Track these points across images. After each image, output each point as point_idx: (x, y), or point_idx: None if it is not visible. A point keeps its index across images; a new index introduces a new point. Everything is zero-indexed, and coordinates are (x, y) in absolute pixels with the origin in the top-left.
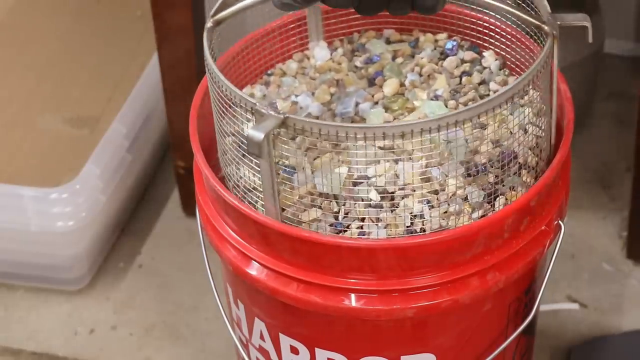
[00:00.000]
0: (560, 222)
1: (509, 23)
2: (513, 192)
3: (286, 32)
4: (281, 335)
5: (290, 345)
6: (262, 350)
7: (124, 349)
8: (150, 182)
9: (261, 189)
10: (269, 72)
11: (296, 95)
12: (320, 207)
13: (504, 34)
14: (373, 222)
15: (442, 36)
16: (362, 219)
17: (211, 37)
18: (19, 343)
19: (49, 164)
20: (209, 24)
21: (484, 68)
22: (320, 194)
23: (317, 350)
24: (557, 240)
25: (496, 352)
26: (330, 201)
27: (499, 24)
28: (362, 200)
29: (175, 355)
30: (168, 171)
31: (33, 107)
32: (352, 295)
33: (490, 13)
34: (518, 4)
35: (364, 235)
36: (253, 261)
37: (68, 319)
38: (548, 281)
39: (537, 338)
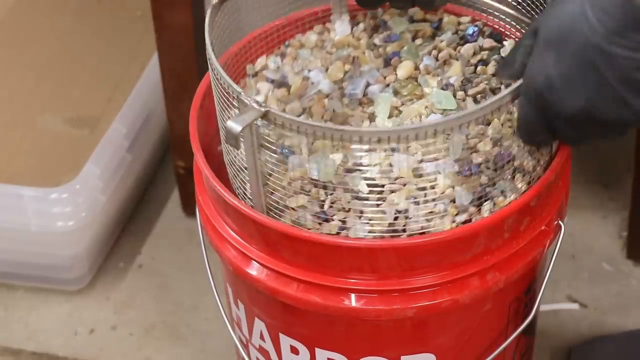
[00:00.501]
0: (560, 222)
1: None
2: (501, 198)
3: (314, 19)
4: (281, 335)
5: (290, 345)
6: (262, 350)
7: (124, 349)
8: (150, 182)
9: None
10: (286, 42)
11: (309, 70)
12: (308, 193)
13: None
14: (356, 214)
15: (466, 19)
16: (347, 211)
17: (215, 14)
18: (19, 343)
19: (49, 164)
20: (214, 0)
21: (502, 58)
22: (311, 180)
23: (317, 350)
24: (557, 240)
25: (496, 352)
26: (319, 189)
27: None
28: (351, 191)
29: (175, 355)
30: (168, 171)
31: (33, 107)
32: (352, 295)
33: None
34: (522, 6)
35: (344, 228)
36: (253, 261)
37: (68, 319)
38: (548, 281)
39: (537, 338)
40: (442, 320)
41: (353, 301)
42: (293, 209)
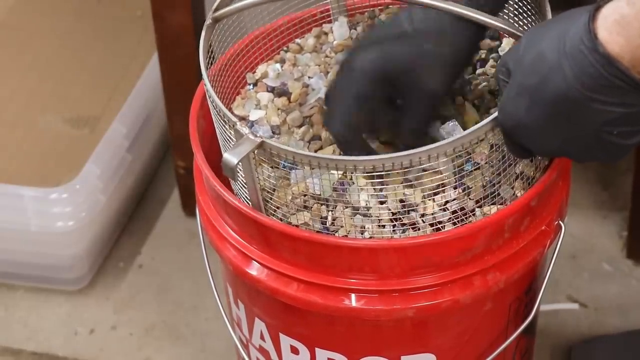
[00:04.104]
0: (560, 222)
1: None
2: (496, 206)
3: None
4: (281, 335)
5: (291, 345)
6: (262, 350)
7: (124, 349)
8: (150, 182)
9: None
10: (285, 48)
11: (309, 77)
12: (310, 209)
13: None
14: (357, 230)
15: None
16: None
17: (210, 34)
18: (19, 343)
19: (49, 164)
20: (208, 20)
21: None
22: (313, 196)
23: (317, 350)
24: (558, 240)
25: (496, 352)
26: (322, 204)
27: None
28: (352, 205)
29: (175, 355)
30: (168, 171)
31: (33, 107)
32: (353, 295)
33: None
34: (522, 10)
35: None
36: (253, 261)
37: (68, 319)
38: (548, 281)
39: (537, 337)
40: (442, 321)
41: (353, 301)
42: (297, 226)
